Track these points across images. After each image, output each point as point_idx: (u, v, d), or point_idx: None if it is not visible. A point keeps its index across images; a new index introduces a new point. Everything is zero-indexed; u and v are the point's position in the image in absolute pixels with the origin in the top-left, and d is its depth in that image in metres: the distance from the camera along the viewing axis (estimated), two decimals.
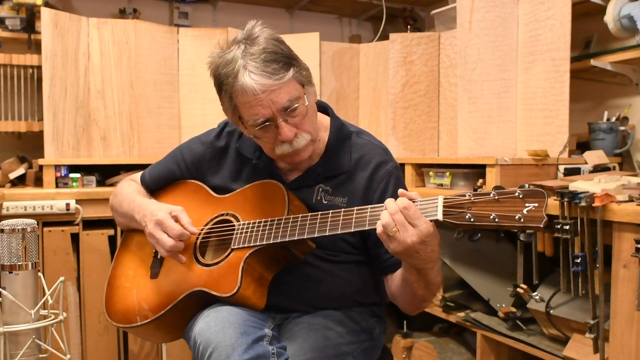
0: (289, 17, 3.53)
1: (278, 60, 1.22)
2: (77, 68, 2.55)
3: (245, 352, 1.13)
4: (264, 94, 1.21)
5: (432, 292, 1.28)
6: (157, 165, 1.61)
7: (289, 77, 1.23)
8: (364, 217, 1.18)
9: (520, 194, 1.05)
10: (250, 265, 1.28)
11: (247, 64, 1.21)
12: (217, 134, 1.51)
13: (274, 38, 1.26)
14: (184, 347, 2.44)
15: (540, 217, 1.02)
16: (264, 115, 1.23)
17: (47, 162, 2.43)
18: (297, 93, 1.25)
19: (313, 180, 1.39)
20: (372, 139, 1.46)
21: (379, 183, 1.37)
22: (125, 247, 1.57)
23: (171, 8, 3.22)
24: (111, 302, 1.47)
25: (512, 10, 2.29)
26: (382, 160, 1.40)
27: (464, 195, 1.09)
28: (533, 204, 1.03)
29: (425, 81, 2.71)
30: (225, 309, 1.24)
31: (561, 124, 2.12)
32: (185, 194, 1.52)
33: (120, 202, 1.54)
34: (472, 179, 2.17)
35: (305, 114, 1.28)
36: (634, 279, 1.51)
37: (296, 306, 1.38)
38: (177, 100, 2.78)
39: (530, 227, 1.03)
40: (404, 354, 2.42)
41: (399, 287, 1.33)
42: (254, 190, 1.40)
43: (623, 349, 1.55)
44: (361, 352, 1.36)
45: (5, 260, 1.21)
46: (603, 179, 1.74)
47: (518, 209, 1.04)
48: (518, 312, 1.99)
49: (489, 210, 1.06)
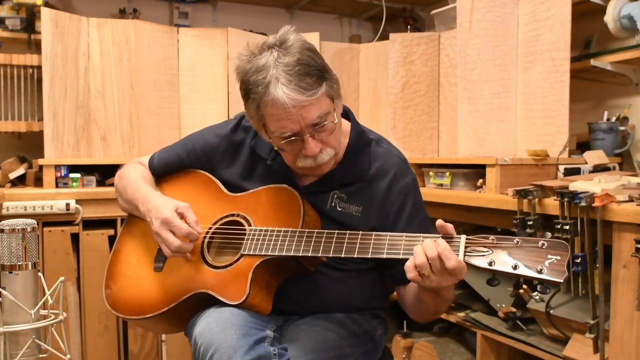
0: (289, 17, 3.54)
1: (312, 73, 1.18)
2: (77, 68, 2.55)
3: (246, 353, 1.12)
4: (295, 108, 1.17)
5: (446, 306, 1.29)
6: (168, 151, 1.56)
7: (322, 93, 1.19)
8: (381, 244, 1.16)
9: (544, 244, 1.03)
10: (258, 274, 1.26)
11: (279, 76, 1.16)
12: (234, 127, 1.46)
13: (308, 48, 1.21)
14: (184, 347, 2.44)
15: (562, 271, 1.00)
16: (292, 129, 1.20)
17: (47, 162, 2.42)
18: (327, 108, 1.22)
19: (328, 186, 1.36)
20: (392, 148, 1.43)
21: (397, 196, 1.35)
22: (128, 232, 1.53)
23: (171, 8, 3.23)
24: (112, 290, 1.44)
25: (512, 10, 2.29)
26: (401, 171, 1.37)
27: (487, 238, 1.08)
28: (556, 256, 1.02)
29: (425, 81, 2.71)
30: (227, 310, 1.23)
31: (561, 124, 2.12)
32: (195, 185, 1.49)
33: (124, 187, 1.50)
34: (472, 179, 2.17)
35: (332, 130, 1.25)
36: (634, 279, 1.51)
37: (300, 310, 1.37)
38: (177, 100, 2.78)
39: (550, 281, 1.01)
40: (404, 354, 2.42)
41: (412, 302, 1.33)
42: (268, 194, 1.37)
43: (623, 349, 1.55)
44: (362, 354, 1.36)
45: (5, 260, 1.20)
46: (603, 179, 1.74)
47: (540, 260, 1.02)
48: (518, 312, 1.99)
49: (512, 257, 1.04)
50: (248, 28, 3.14)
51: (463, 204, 2.09)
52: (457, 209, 2.16)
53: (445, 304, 1.27)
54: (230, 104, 2.78)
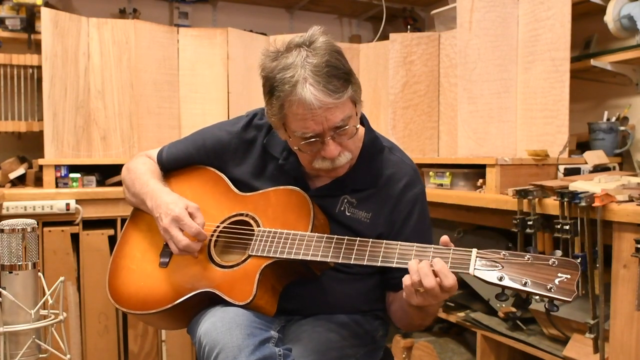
0: (289, 17, 3.54)
1: (339, 76, 1.18)
2: (77, 68, 2.55)
3: (252, 353, 1.12)
4: (320, 110, 1.16)
5: (431, 320, 1.32)
6: (177, 145, 1.54)
7: (347, 96, 1.19)
8: (392, 253, 1.17)
9: (554, 262, 1.04)
10: (265, 275, 1.26)
11: (307, 76, 1.15)
12: (245, 125, 1.45)
13: (336, 50, 1.21)
14: (184, 347, 2.44)
15: (571, 290, 1.01)
16: (315, 130, 1.19)
17: (47, 162, 2.43)
18: (350, 112, 1.22)
19: (339, 191, 1.35)
20: (404, 156, 1.43)
21: (405, 206, 1.35)
22: (134, 225, 1.52)
23: (171, 8, 3.23)
24: (116, 283, 1.43)
25: (512, 10, 2.29)
26: (411, 181, 1.37)
27: (498, 253, 1.08)
28: (566, 275, 1.02)
29: (425, 81, 2.71)
30: (232, 310, 1.22)
31: (561, 124, 2.12)
32: (204, 183, 1.47)
33: (132, 180, 1.48)
34: (472, 179, 2.17)
35: (353, 134, 1.25)
36: (634, 279, 1.51)
37: (303, 310, 1.37)
38: (177, 100, 2.78)
39: (560, 299, 1.02)
40: (404, 354, 2.42)
41: (397, 311, 1.35)
42: (278, 195, 1.36)
43: (623, 349, 1.55)
44: (364, 355, 1.36)
45: (5, 260, 1.20)
46: (603, 179, 1.74)
47: (550, 278, 1.03)
48: (518, 312, 1.99)
49: (522, 274, 1.05)
50: (248, 28, 3.14)
51: (463, 204, 2.09)
52: (457, 209, 2.16)
53: (431, 318, 1.30)
54: (230, 104, 2.78)
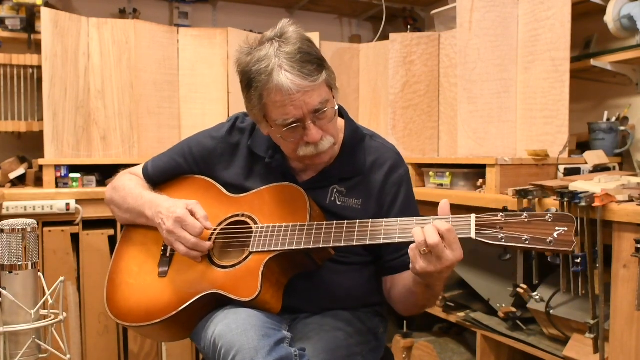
0: (289, 17, 3.51)
1: (312, 61, 1.22)
2: (77, 68, 2.55)
3: (268, 354, 1.12)
4: (298, 94, 1.20)
5: (435, 300, 1.32)
6: (162, 158, 1.56)
7: (322, 80, 1.24)
8: (393, 229, 1.19)
9: (550, 217, 1.08)
10: (269, 269, 1.26)
11: (282, 63, 1.20)
12: (229, 130, 1.48)
13: (307, 39, 1.26)
14: (184, 347, 2.44)
15: (570, 241, 1.05)
16: (295, 115, 1.23)
17: (47, 162, 2.43)
18: (327, 96, 1.26)
19: (327, 181, 1.39)
20: (385, 142, 1.47)
21: (392, 188, 1.39)
22: (127, 241, 1.52)
23: (171, 8, 3.23)
24: (114, 299, 1.43)
25: (512, 10, 2.29)
26: (395, 164, 1.42)
27: (496, 215, 1.11)
28: (563, 228, 1.06)
29: (425, 81, 2.71)
30: (244, 311, 1.22)
31: (561, 124, 2.12)
32: (195, 190, 1.48)
33: (124, 197, 1.49)
34: (472, 179, 2.17)
35: (332, 117, 1.28)
36: (634, 279, 1.51)
37: (305, 307, 1.38)
38: (177, 100, 2.79)
39: (561, 250, 1.06)
40: (404, 354, 2.42)
41: (401, 294, 1.35)
42: (271, 192, 1.38)
43: (623, 349, 1.55)
44: (369, 351, 1.37)
45: (5, 260, 1.20)
46: (603, 179, 1.74)
47: (549, 232, 1.07)
48: (518, 312, 1.99)
49: (521, 232, 1.09)
50: (248, 28, 3.14)
51: (463, 204, 2.09)
52: (457, 209, 2.16)
53: (435, 299, 1.30)
54: (230, 104, 2.78)
